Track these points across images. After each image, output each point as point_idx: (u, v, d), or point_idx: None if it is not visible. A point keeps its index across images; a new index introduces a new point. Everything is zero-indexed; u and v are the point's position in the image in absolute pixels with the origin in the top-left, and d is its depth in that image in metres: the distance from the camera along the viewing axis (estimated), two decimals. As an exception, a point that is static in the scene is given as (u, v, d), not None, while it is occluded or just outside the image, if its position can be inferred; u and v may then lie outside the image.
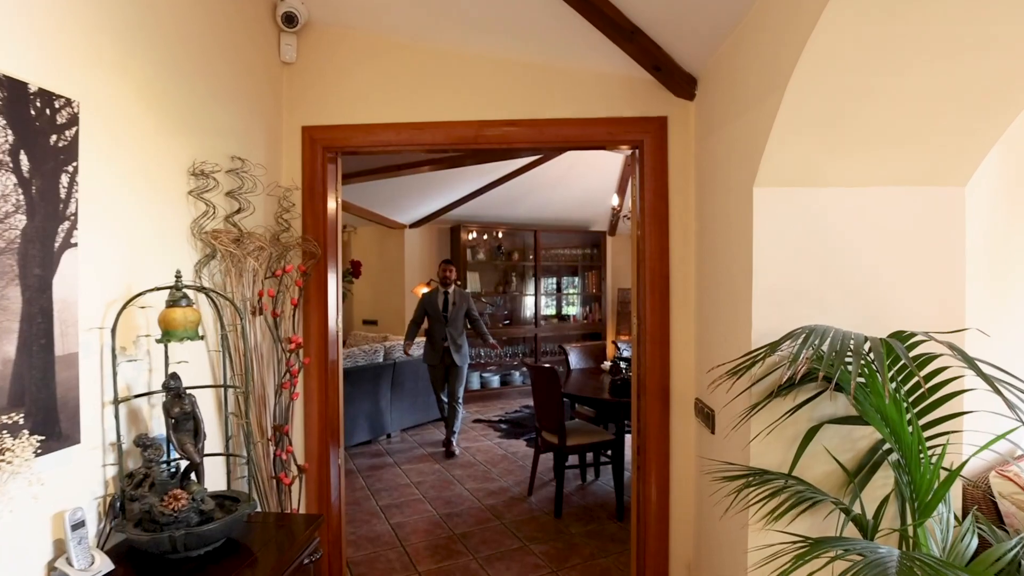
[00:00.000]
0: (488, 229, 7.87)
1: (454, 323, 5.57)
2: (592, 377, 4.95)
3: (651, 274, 2.69)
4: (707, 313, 2.48)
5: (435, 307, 5.60)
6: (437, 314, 5.57)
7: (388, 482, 4.89)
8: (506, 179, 6.87)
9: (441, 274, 5.67)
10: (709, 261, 2.44)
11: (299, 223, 2.85)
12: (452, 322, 5.56)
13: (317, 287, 2.85)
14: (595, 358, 5.44)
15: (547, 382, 4.19)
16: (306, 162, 2.82)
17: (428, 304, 5.65)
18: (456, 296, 5.65)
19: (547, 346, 8.23)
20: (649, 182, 2.68)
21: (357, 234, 8.28)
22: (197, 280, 2.20)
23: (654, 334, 2.69)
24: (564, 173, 7.06)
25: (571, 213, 8.17)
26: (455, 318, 5.58)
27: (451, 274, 5.64)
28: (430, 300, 5.65)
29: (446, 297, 5.62)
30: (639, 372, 2.78)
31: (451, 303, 5.61)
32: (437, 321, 5.58)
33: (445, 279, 5.63)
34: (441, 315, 5.56)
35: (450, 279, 5.62)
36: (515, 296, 8.21)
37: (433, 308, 5.60)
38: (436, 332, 5.59)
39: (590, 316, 8.47)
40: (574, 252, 8.41)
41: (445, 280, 5.63)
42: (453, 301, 5.62)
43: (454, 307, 5.60)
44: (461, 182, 6.67)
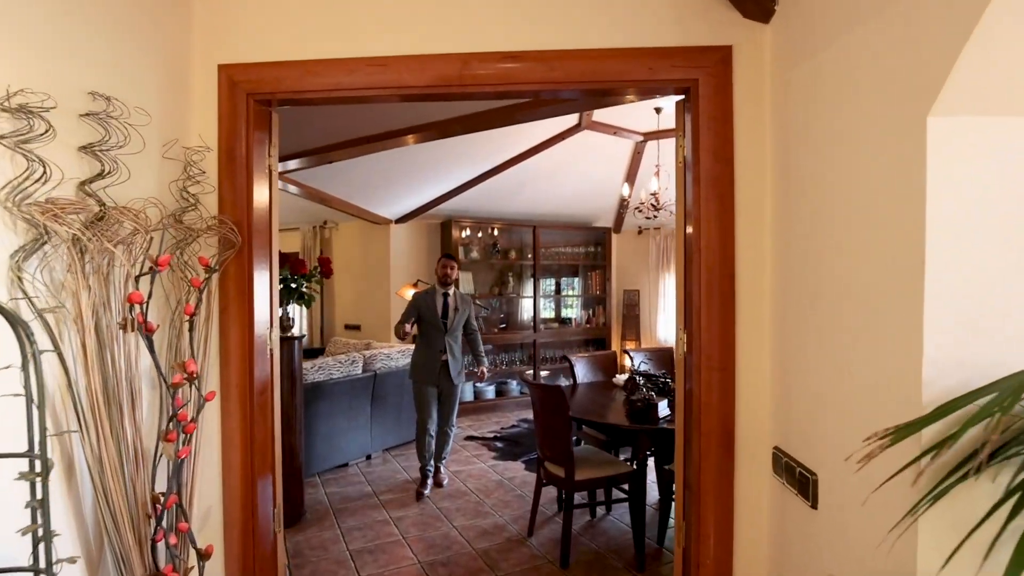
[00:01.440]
0: (482, 225, 7.03)
1: (454, 333, 4.52)
2: (603, 394, 4.12)
3: (707, 273, 1.86)
4: (799, 329, 1.65)
5: (432, 311, 4.49)
6: (435, 320, 4.48)
7: (363, 518, 4.05)
8: (502, 168, 6.04)
9: (440, 272, 4.57)
10: (805, 251, 1.61)
11: (214, 199, 2.01)
12: (452, 332, 4.50)
13: (238, 288, 2.02)
14: (605, 370, 4.61)
15: (552, 404, 3.35)
16: (224, 114, 1.98)
17: (423, 307, 4.49)
18: (458, 300, 4.58)
19: (547, 352, 7.40)
20: (706, 139, 1.85)
21: (339, 231, 7.43)
22: (13, 280, 1.36)
23: (712, 356, 1.86)
24: (565, 161, 6.24)
25: (572, 207, 7.34)
26: (456, 327, 4.54)
27: (452, 272, 4.54)
28: (426, 303, 4.51)
29: (446, 301, 4.55)
30: (689, 407, 1.95)
31: (452, 308, 4.54)
32: (434, 329, 4.48)
33: (445, 278, 4.53)
34: (440, 322, 4.48)
35: (451, 278, 4.54)
36: (512, 298, 7.37)
37: (430, 312, 4.48)
38: (432, 342, 4.48)
39: (593, 320, 7.65)
40: (576, 250, 7.59)
41: (445, 279, 4.54)
42: (455, 306, 4.54)
43: (456, 313, 4.53)
44: (452, 170, 5.84)
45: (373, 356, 5.30)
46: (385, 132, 2.94)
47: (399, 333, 4.40)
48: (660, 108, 5.31)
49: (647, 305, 7.81)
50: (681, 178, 1.97)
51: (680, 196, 1.99)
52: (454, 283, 4.64)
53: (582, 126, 5.65)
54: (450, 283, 4.60)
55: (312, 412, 4.68)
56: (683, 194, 1.97)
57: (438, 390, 4.56)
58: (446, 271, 4.60)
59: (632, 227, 7.92)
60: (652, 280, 7.71)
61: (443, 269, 4.62)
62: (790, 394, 1.69)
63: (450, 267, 4.61)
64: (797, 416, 1.64)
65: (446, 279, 4.59)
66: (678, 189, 2.01)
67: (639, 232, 7.89)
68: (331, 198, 6.01)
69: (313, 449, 4.72)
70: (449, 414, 4.62)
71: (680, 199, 1.99)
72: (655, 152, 6.17)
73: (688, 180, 1.90)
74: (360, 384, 5.09)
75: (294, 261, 4.05)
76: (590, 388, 4.32)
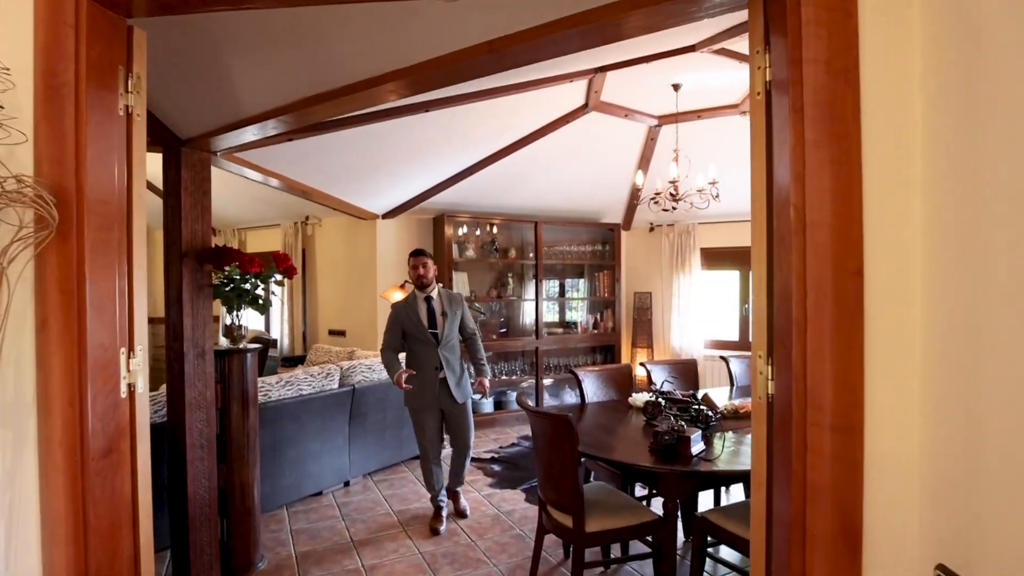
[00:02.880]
0: (479, 220, 6.28)
1: (448, 341, 3.69)
2: (618, 417, 3.36)
3: (816, 267, 1.10)
4: (993, 362, 0.89)
5: (416, 323, 3.64)
6: (421, 333, 3.63)
7: (330, 566, 3.30)
8: (500, 155, 5.29)
9: (412, 274, 3.72)
10: (1009, 228, 0.85)
11: (28, 154, 1.27)
12: (446, 342, 3.68)
13: (63, 291, 1.27)
14: (618, 387, 3.86)
15: (558, 438, 2.60)
16: (41, 19, 1.24)
17: (405, 320, 3.66)
18: (445, 301, 3.74)
19: (550, 360, 6.64)
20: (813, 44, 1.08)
21: (322, 227, 6.69)
22: None
23: (822, 406, 1.10)
24: (570, 149, 5.48)
25: (578, 201, 6.58)
26: (450, 336, 3.70)
27: (426, 270, 3.68)
28: (407, 314, 3.67)
29: (430, 306, 3.72)
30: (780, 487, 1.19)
31: (439, 313, 3.71)
32: (423, 344, 3.65)
33: (420, 280, 3.68)
34: (427, 333, 3.64)
35: (427, 278, 3.69)
36: (512, 301, 6.62)
37: (414, 325, 3.64)
38: (423, 361, 3.64)
39: (601, 325, 6.89)
40: (582, 249, 6.83)
41: (420, 281, 3.69)
42: (442, 310, 3.70)
43: (444, 319, 3.69)
44: (443, 157, 5.09)
45: (352, 368, 4.55)
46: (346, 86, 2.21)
47: (391, 367, 3.62)
48: (679, 85, 4.55)
49: (660, 309, 7.04)
50: (762, 116, 1.22)
51: (759, 146, 1.23)
52: (434, 282, 3.79)
53: (589, 107, 4.90)
54: (428, 283, 3.73)
55: (277, 435, 3.94)
56: (764, 141, 1.21)
57: (441, 413, 3.76)
58: (418, 271, 3.71)
59: (643, 223, 7.15)
60: (666, 281, 6.94)
61: (414, 270, 3.74)
62: (974, 474, 0.94)
63: (422, 265, 3.71)
64: (989, 513, 0.88)
65: (421, 280, 3.72)
66: (755, 138, 1.25)
67: (651, 229, 7.12)
68: (312, 190, 5.28)
69: (279, 478, 3.98)
70: (464, 436, 3.79)
71: (759, 151, 1.23)
72: (670, 138, 5.40)
73: (780, 116, 1.15)
74: (336, 400, 4.35)
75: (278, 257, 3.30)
76: (602, 409, 3.56)
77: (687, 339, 6.71)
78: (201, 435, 3.08)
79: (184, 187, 3.00)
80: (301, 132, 3.38)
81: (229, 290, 3.11)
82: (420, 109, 3.60)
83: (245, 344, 3.29)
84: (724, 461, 2.49)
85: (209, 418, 3.12)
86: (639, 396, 3.50)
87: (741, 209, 6.31)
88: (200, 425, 3.08)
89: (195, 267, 3.04)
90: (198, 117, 2.77)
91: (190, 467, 3.02)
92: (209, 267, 3.11)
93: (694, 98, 4.80)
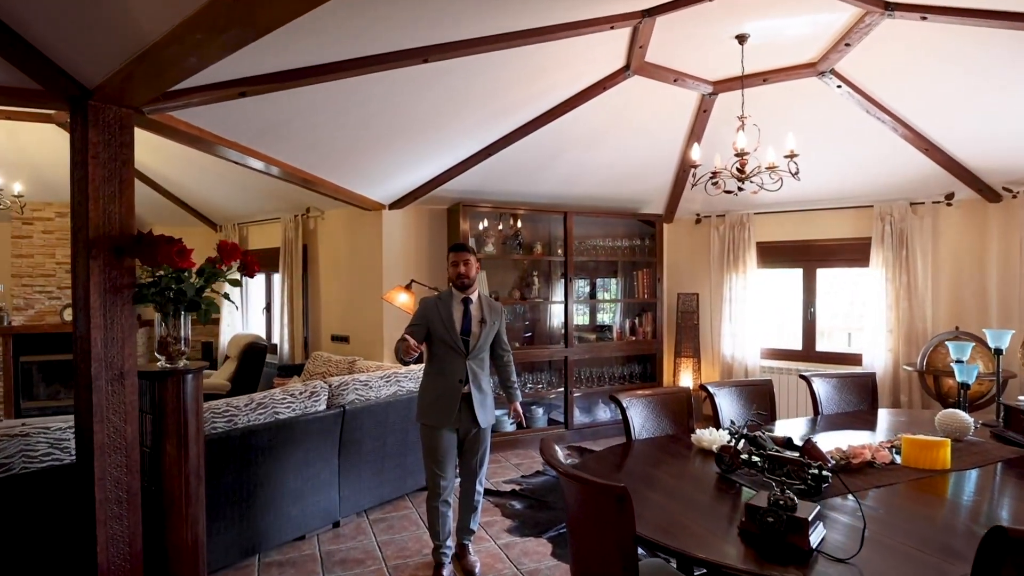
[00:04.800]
0: (500, 210, 5.41)
1: (479, 355, 3.06)
2: (678, 466, 2.46)
3: None
4: None
5: (447, 325, 2.99)
6: (451, 337, 2.99)
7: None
8: (525, 131, 4.42)
9: (452, 271, 3.08)
10: None
11: None
12: (477, 353, 3.04)
13: None
14: (673, 416, 2.95)
15: (603, 516, 1.72)
16: None
17: (434, 318, 3.01)
18: (485, 308, 3.09)
19: (581, 372, 5.73)
20: None
21: (325, 220, 5.91)
22: None
23: None
24: (606, 125, 4.58)
25: (614, 188, 5.67)
26: (482, 347, 3.06)
27: (467, 268, 3.03)
28: (438, 313, 3.02)
29: (467, 310, 3.05)
30: None
31: (477, 320, 3.05)
32: (449, 349, 3.00)
33: (460, 279, 3.04)
34: (459, 340, 2.99)
35: (469, 278, 3.04)
36: (537, 304, 5.73)
37: (444, 326, 2.99)
38: (447, 368, 3.00)
39: (639, 331, 5.95)
40: (617, 244, 5.90)
41: (461, 280, 3.04)
42: (481, 317, 3.06)
43: (483, 327, 3.04)
44: (458, 135, 4.23)
45: (342, 386, 3.73)
46: None
47: (400, 352, 2.85)
48: (745, 36, 3.61)
49: (708, 313, 6.07)
50: None
51: None
52: (474, 282, 3.10)
53: (631, 69, 3.99)
54: (469, 284, 3.06)
55: (246, 471, 3.14)
56: None
57: (458, 435, 3.05)
58: (459, 269, 3.05)
59: (688, 214, 6.19)
60: (715, 282, 5.97)
61: (454, 267, 3.08)
62: None
63: (463, 261, 3.06)
64: None
65: (462, 280, 3.04)
66: None
67: (697, 220, 6.16)
68: (312, 178, 4.49)
69: (253, 521, 3.18)
70: (476, 469, 3.11)
71: None
72: (726, 109, 4.46)
73: None
74: (322, 426, 3.53)
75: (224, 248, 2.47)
76: (655, 450, 2.65)
77: (740, 348, 5.74)
78: (118, 486, 2.29)
79: (93, 154, 2.21)
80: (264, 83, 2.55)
81: (155, 292, 2.30)
82: (416, 57, 2.74)
83: (185, 363, 2.48)
84: (867, 561, 1.58)
85: (130, 463, 2.32)
86: (705, 435, 2.58)
87: (809, 194, 5.31)
88: (117, 472, 2.28)
89: (109, 261, 2.24)
90: (105, 54, 1.96)
91: (101, 529, 2.23)
92: (131, 261, 2.31)
93: (760, 57, 3.86)
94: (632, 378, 5.95)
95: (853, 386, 3.45)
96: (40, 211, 6.61)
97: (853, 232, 5.34)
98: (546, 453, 1.94)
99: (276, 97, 2.80)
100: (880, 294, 5.09)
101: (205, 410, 3.05)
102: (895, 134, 4.35)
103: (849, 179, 5.10)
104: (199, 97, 2.40)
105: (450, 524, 3.09)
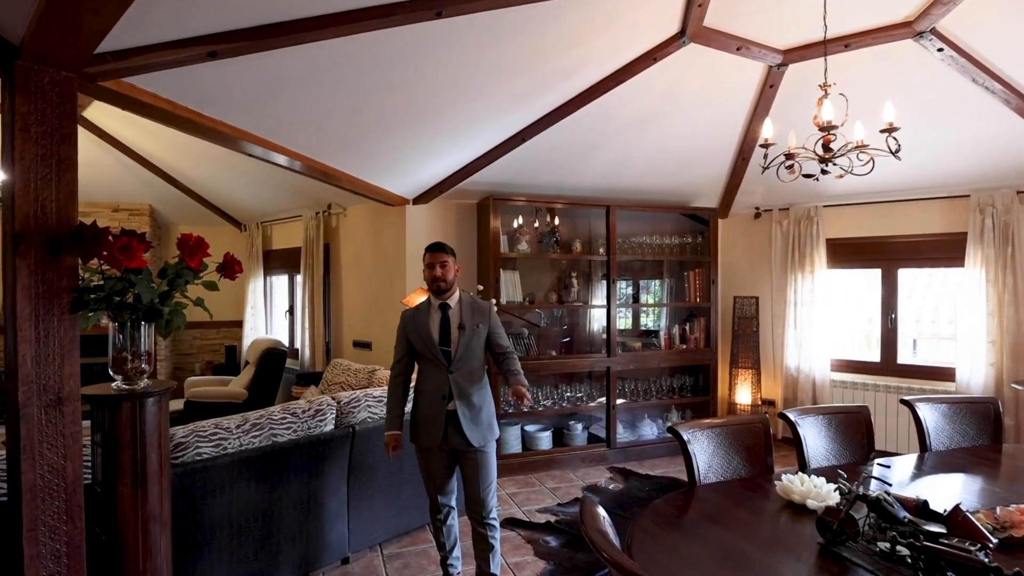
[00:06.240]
0: (535, 204, 4.86)
1: (464, 367, 2.67)
2: (759, 526, 1.87)
3: None
4: None
5: (423, 336, 2.68)
6: (428, 349, 2.67)
7: None
8: (563, 112, 3.87)
9: (427, 274, 2.72)
10: None
11: None
12: (461, 363, 2.66)
13: None
14: (747, 451, 2.34)
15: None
16: None
17: (411, 331, 2.74)
18: (465, 311, 2.72)
19: (624, 385, 5.13)
20: None
21: (347, 216, 5.48)
22: None
23: None
24: (656, 106, 3.98)
25: (662, 179, 5.05)
26: (465, 355, 2.67)
27: (444, 271, 2.68)
28: (413, 325, 2.74)
29: (444, 315, 2.70)
30: None
31: (455, 326, 2.69)
32: (430, 363, 2.69)
33: (435, 282, 2.69)
34: (438, 351, 2.65)
35: (444, 281, 2.69)
36: (576, 308, 5.16)
37: (421, 338, 2.69)
38: (429, 383, 2.68)
39: (690, 339, 5.31)
40: (665, 242, 5.27)
41: (436, 284, 2.69)
42: (459, 323, 2.69)
43: (461, 334, 2.67)
44: (485, 113, 3.71)
45: (353, 403, 3.26)
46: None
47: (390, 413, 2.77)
48: (828, -12, 2.97)
49: (769, 319, 5.38)
50: None
51: None
52: (453, 286, 2.75)
53: (687, 36, 3.40)
54: (446, 288, 2.70)
55: (235, 506, 2.68)
56: None
57: (447, 456, 2.69)
58: (434, 272, 2.70)
59: (745, 208, 5.52)
60: (777, 284, 5.28)
61: (428, 269, 2.72)
62: None
63: (439, 263, 2.70)
64: None
65: (437, 284, 2.69)
66: None
67: (756, 215, 5.47)
68: (332, 171, 4.05)
69: (244, 562, 2.73)
70: (482, 498, 2.65)
71: None
72: (796, 83, 3.82)
73: None
74: (329, 449, 3.06)
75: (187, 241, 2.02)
76: (727, 502, 2.06)
77: (807, 359, 5.03)
78: (55, 537, 1.85)
79: (22, 127, 1.77)
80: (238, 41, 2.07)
81: (100, 298, 1.85)
82: (427, 9, 2.22)
83: (146, 383, 2.03)
84: None
85: (71, 508, 1.88)
86: (795, 483, 1.98)
87: (888, 183, 4.59)
88: (53, 521, 1.84)
89: (42, 259, 1.80)
90: None
91: (33, 592, 1.79)
92: (71, 260, 1.86)
93: (840, 18, 3.21)
94: (682, 391, 5.31)
95: (970, 414, 2.77)
96: None
97: (944, 226, 4.58)
98: (588, 527, 1.39)
99: (259, 63, 2.33)
100: (979, 298, 4.32)
101: (189, 433, 2.62)
102: (1007, 107, 3.61)
103: (940, 164, 4.35)
104: (157, 57, 1.94)
105: (456, 533, 2.83)
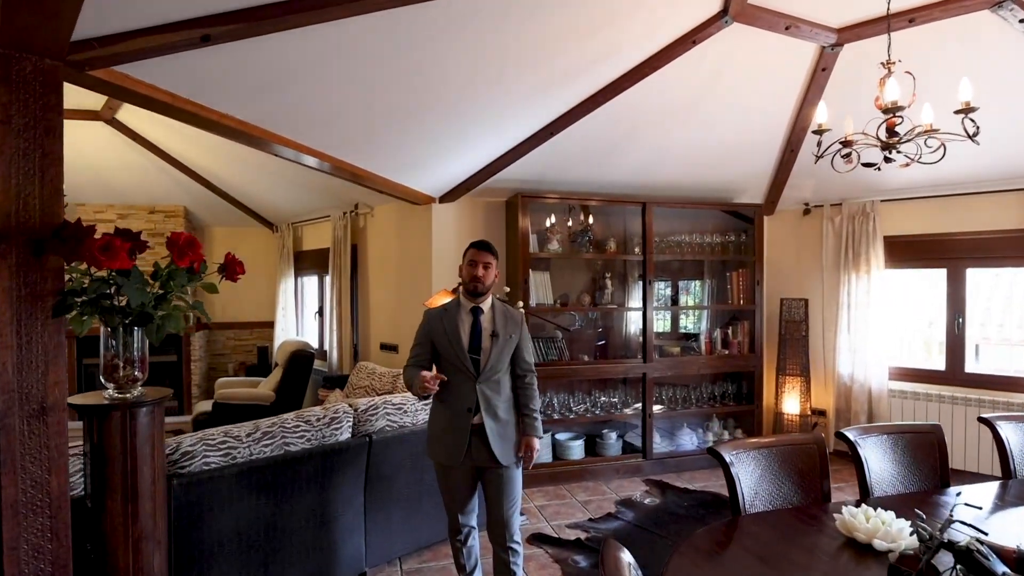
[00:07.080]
0: (567, 201, 4.63)
1: (492, 377, 2.44)
2: (814, 569, 1.60)
3: None
4: None
5: (452, 339, 2.44)
6: (455, 355, 2.43)
7: None
8: (595, 102, 3.63)
9: (467, 272, 2.48)
10: None
11: None
12: (488, 375, 2.43)
13: None
14: (799, 475, 2.07)
15: None
16: None
17: (437, 333, 2.48)
18: (499, 318, 2.49)
19: (662, 392, 4.85)
20: None
21: (374, 216, 5.36)
22: None
23: None
24: (697, 88, 3.70)
25: (702, 173, 4.74)
26: (495, 366, 2.44)
27: (486, 273, 2.45)
28: (441, 326, 2.48)
29: (476, 320, 2.47)
30: None
31: (488, 333, 2.45)
32: (456, 371, 2.43)
33: (475, 282, 2.45)
34: (466, 358, 2.42)
35: (484, 283, 2.44)
36: (610, 311, 4.90)
37: (449, 341, 2.44)
38: (453, 393, 2.43)
39: (732, 343, 4.97)
40: (706, 240, 4.96)
41: (475, 285, 2.45)
42: (492, 330, 2.46)
43: (494, 342, 2.44)
44: (512, 103, 3.51)
45: (371, 410, 3.10)
46: None
47: (416, 388, 2.34)
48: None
49: (819, 323, 5.00)
50: None
51: None
52: (489, 290, 2.49)
53: (729, 15, 3.11)
54: (484, 290, 2.46)
55: (243, 519, 2.55)
56: None
57: (472, 474, 2.46)
58: (475, 271, 2.45)
59: (794, 204, 5.14)
60: (829, 285, 4.90)
61: (470, 267, 2.47)
62: None
63: (483, 263, 2.46)
64: None
65: (476, 283, 2.45)
66: None
67: (806, 211, 5.09)
68: (358, 170, 3.93)
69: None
70: (506, 519, 2.44)
71: None
72: (853, 63, 3.48)
73: None
74: (345, 459, 2.91)
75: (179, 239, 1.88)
76: (778, 538, 1.79)
77: (862, 366, 4.64)
78: (39, 556, 1.72)
79: (2, 118, 1.65)
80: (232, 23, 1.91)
81: (86, 301, 1.72)
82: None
83: (139, 392, 1.90)
84: None
85: (57, 526, 1.76)
86: (859, 519, 1.70)
87: (954, 175, 4.17)
88: (36, 539, 1.72)
89: (24, 260, 1.68)
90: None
91: (15, 616, 1.67)
92: (56, 261, 1.74)
93: None
94: (724, 398, 4.99)
95: (1062, 435, 2.41)
96: None
97: (1020, 221, 4.14)
98: None
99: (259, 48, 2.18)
100: (1062, 301, 3.87)
101: (197, 441, 2.50)
102: (1099, 86, 3.19)
103: (1013, 152, 3.92)
104: (146, 42, 1.81)
105: (476, 554, 2.59)
